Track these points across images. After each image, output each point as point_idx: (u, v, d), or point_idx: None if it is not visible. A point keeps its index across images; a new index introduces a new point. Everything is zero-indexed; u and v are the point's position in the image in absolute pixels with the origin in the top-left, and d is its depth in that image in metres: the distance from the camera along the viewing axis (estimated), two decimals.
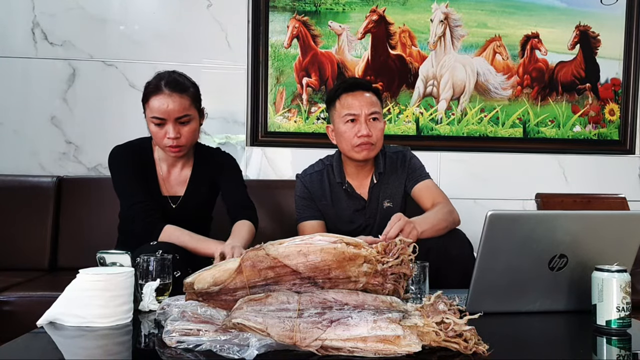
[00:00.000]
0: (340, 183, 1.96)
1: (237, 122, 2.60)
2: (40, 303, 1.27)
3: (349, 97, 1.89)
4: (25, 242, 2.28)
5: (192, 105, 1.79)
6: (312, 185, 1.97)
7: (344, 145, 1.91)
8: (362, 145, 1.86)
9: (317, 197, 1.96)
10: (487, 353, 1.00)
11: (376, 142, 1.89)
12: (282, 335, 0.99)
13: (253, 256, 1.16)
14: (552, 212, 1.76)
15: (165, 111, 1.73)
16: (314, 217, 1.95)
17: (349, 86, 1.92)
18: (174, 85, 1.76)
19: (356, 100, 1.88)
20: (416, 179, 1.94)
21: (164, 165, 1.88)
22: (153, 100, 1.74)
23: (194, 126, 1.80)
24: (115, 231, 1.96)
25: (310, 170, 2.01)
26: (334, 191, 1.97)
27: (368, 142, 1.86)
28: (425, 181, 1.94)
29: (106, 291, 1.17)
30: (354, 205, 1.96)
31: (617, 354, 1.13)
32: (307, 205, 1.96)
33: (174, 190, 1.88)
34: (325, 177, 1.98)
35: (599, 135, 2.84)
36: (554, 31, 2.78)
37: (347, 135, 1.87)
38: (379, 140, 1.90)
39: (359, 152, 1.88)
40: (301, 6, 2.64)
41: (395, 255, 1.18)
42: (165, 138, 1.75)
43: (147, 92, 1.78)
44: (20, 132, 2.50)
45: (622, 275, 1.18)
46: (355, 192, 1.96)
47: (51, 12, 2.50)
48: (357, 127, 1.86)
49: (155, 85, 1.76)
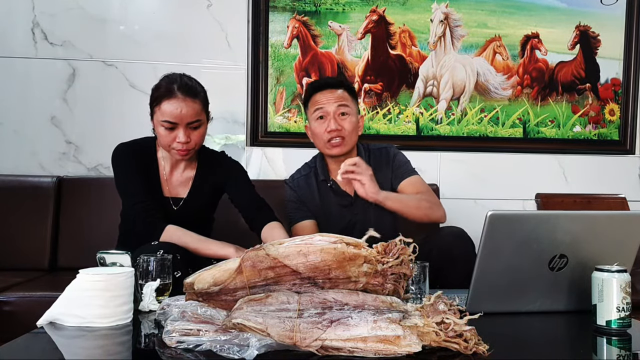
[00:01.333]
0: (324, 181, 1.99)
1: (237, 122, 2.60)
2: (40, 303, 1.27)
3: (318, 95, 1.95)
4: (25, 242, 2.28)
5: (202, 110, 1.78)
6: (299, 188, 2.00)
7: (318, 143, 1.96)
8: (332, 140, 1.91)
9: (306, 200, 1.98)
10: (487, 353, 1.00)
11: (347, 136, 1.91)
12: (282, 336, 0.99)
13: (253, 256, 1.16)
14: (552, 212, 1.76)
15: (178, 116, 1.71)
16: (306, 217, 1.97)
17: (318, 85, 1.98)
18: (187, 89, 1.73)
19: (324, 97, 1.93)
20: (402, 175, 1.97)
21: (167, 166, 1.86)
22: (165, 104, 1.71)
23: (203, 131, 1.79)
24: (115, 231, 1.96)
25: (297, 175, 2.05)
26: (322, 191, 2.00)
27: (338, 135, 1.90)
28: (411, 177, 1.96)
29: (106, 291, 1.17)
30: (341, 202, 1.98)
31: (617, 354, 1.13)
32: (297, 208, 1.99)
33: (176, 192, 1.87)
34: (312, 178, 2.02)
35: (599, 135, 2.84)
36: (554, 31, 2.78)
37: (318, 132, 1.93)
38: (350, 134, 1.93)
39: (330, 148, 1.93)
40: (301, 6, 2.64)
41: (395, 255, 1.18)
42: (175, 142, 1.74)
43: (158, 95, 1.74)
44: (20, 132, 2.50)
45: (622, 275, 1.18)
46: (341, 189, 1.98)
47: (51, 12, 2.50)
48: (326, 123, 1.91)
49: (167, 88, 1.73)
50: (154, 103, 1.75)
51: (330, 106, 1.91)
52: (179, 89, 1.72)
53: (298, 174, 2.05)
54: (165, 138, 1.75)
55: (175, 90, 1.72)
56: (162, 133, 1.75)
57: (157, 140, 1.88)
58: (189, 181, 1.87)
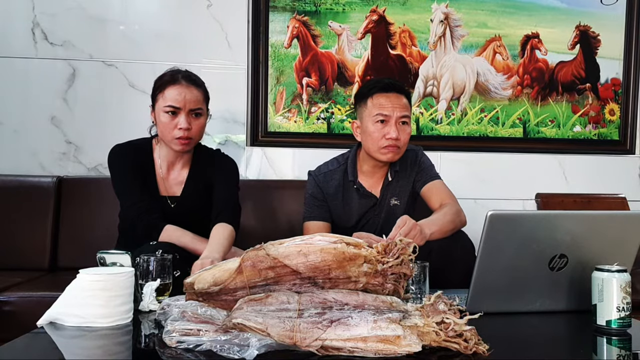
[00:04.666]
0: (352, 182, 1.96)
1: (237, 122, 2.60)
2: (40, 303, 1.27)
3: (382, 97, 1.88)
4: (25, 242, 2.28)
5: (204, 100, 1.84)
6: (324, 184, 1.96)
7: (370, 145, 1.90)
8: (389, 147, 1.86)
9: (328, 196, 1.96)
10: (487, 353, 1.00)
11: (402, 146, 1.89)
12: (282, 335, 0.99)
13: (253, 256, 1.16)
14: (552, 212, 1.76)
15: (182, 100, 1.77)
16: (322, 217, 1.94)
17: (384, 86, 1.90)
18: (190, 78, 1.82)
19: (389, 101, 1.87)
20: (426, 178, 1.94)
21: (164, 165, 1.88)
22: (170, 90, 1.78)
23: (203, 121, 1.84)
24: (115, 231, 1.96)
25: (324, 169, 2.00)
26: (346, 189, 1.97)
27: (395, 144, 1.86)
28: (434, 181, 1.94)
29: (106, 291, 1.17)
30: (365, 205, 1.95)
31: (617, 354, 1.13)
32: (317, 205, 1.96)
33: (172, 191, 1.88)
34: (339, 175, 1.97)
35: (599, 135, 2.84)
36: (554, 31, 2.78)
37: (376, 136, 1.87)
38: (405, 144, 1.90)
39: (385, 154, 1.88)
40: (301, 6, 2.64)
41: (395, 255, 1.18)
42: (176, 129, 1.77)
43: (162, 83, 1.80)
44: (20, 132, 2.50)
45: (622, 275, 1.18)
46: (367, 190, 1.96)
47: (51, 12, 2.50)
48: (386, 128, 1.85)
49: (172, 76, 1.81)
50: (158, 90, 1.81)
51: (395, 113, 1.85)
52: (182, 77, 1.81)
53: (325, 167, 2.00)
54: (167, 126, 1.78)
55: (179, 78, 1.80)
56: (164, 120, 1.78)
57: (153, 140, 1.90)
58: (184, 179, 1.89)
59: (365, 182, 1.97)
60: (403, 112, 1.87)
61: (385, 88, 1.89)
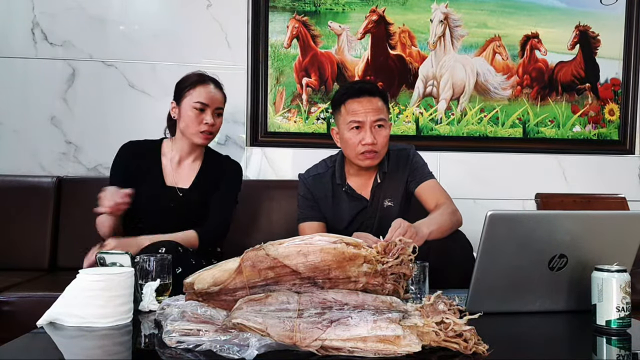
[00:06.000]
0: (340, 185, 1.96)
1: (237, 122, 2.60)
2: (40, 303, 1.27)
3: (355, 103, 1.87)
4: (25, 242, 2.28)
5: (223, 102, 2.03)
6: (314, 187, 1.97)
7: (349, 152, 1.90)
8: (366, 153, 1.86)
9: (319, 199, 1.96)
10: (487, 353, 1.00)
11: (380, 149, 1.88)
12: (282, 336, 0.99)
13: (253, 256, 1.16)
14: (552, 212, 1.75)
15: (211, 98, 1.95)
16: (315, 218, 1.95)
17: (355, 91, 1.89)
18: (216, 82, 2.02)
19: (362, 106, 1.86)
20: (419, 178, 1.93)
21: (176, 158, 2.00)
22: (200, 88, 1.95)
23: (221, 122, 2.02)
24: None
25: (313, 172, 2.01)
26: (335, 193, 1.97)
27: (372, 149, 1.85)
28: (428, 181, 1.93)
29: (106, 291, 1.17)
30: (355, 207, 1.95)
31: (617, 354, 1.13)
32: (309, 206, 1.96)
33: (182, 182, 1.99)
34: (327, 179, 1.98)
35: (598, 135, 2.84)
36: (553, 31, 2.79)
37: (352, 142, 1.87)
38: (384, 147, 1.89)
39: (363, 160, 1.88)
40: (301, 6, 2.64)
41: (395, 255, 1.18)
42: (202, 124, 1.93)
43: (191, 82, 1.95)
44: (20, 132, 2.50)
45: (622, 275, 1.18)
46: (356, 192, 1.95)
47: (51, 12, 2.50)
48: (361, 134, 1.85)
49: (201, 76, 1.98)
50: (187, 88, 1.95)
51: (368, 117, 1.84)
52: (210, 80, 2.00)
53: (314, 170, 2.01)
54: (194, 120, 1.93)
55: (207, 79, 1.99)
56: (191, 115, 1.93)
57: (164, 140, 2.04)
58: (194, 173, 2.00)
59: (355, 184, 1.96)
60: (377, 116, 1.85)
61: (357, 93, 1.88)
